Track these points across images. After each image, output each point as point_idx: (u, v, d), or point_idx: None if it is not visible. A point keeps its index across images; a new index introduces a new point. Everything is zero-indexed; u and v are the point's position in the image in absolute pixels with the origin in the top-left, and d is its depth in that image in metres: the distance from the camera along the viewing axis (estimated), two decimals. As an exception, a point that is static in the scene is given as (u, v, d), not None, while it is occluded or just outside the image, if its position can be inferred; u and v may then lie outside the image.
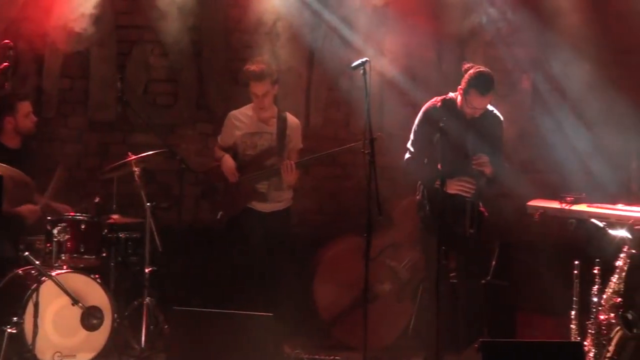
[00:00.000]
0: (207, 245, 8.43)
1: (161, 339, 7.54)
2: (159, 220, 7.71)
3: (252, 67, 7.68)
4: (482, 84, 7.03)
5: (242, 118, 7.84)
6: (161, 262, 7.64)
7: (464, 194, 7.10)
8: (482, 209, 7.28)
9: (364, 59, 6.84)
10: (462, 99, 7.13)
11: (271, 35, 8.76)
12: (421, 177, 7.22)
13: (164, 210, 7.96)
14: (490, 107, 7.24)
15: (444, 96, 7.25)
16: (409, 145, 7.25)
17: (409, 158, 7.23)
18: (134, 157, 7.65)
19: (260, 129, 7.80)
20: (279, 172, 7.62)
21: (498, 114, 7.30)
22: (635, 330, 6.80)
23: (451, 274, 7.09)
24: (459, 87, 7.14)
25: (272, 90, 7.74)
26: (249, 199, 7.75)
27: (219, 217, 7.79)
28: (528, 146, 8.48)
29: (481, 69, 7.10)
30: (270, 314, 7.11)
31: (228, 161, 7.78)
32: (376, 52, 8.43)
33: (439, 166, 6.75)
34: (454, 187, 7.07)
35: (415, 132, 7.23)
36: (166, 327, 7.49)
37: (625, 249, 6.90)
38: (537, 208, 7.44)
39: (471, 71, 7.08)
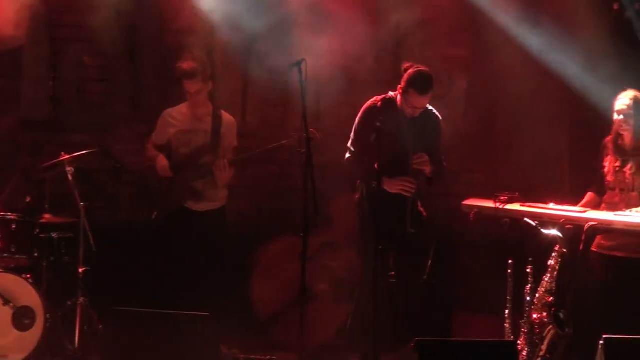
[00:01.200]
0: (143, 245, 8.36)
1: (95, 339, 7.48)
2: (93, 220, 7.63)
3: (184, 65, 7.65)
4: (421, 84, 7.10)
5: (176, 115, 7.82)
6: (95, 262, 7.56)
7: (405, 194, 7.15)
8: (420, 208, 7.35)
9: (300, 59, 6.86)
10: (401, 98, 7.19)
11: (206, 33, 8.71)
12: (361, 176, 7.24)
13: (99, 210, 7.89)
14: (429, 107, 7.31)
15: (384, 95, 7.30)
16: (349, 144, 7.28)
17: (349, 157, 7.26)
18: (67, 156, 7.57)
19: (195, 126, 7.78)
20: (213, 170, 7.61)
21: (437, 113, 7.39)
22: (567, 329, 6.90)
23: (389, 274, 7.10)
24: (399, 86, 7.19)
25: (206, 88, 7.73)
26: (184, 198, 7.72)
27: (154, 217, 7.76)
28: (463, 146, 8.55)
29: (421, 69, 7.16)
30: (207, 314, 7.09)
31: (161, 160, 7.75)
32: (313, 51, 8.43)
33: (375, 165, 6.77)
34: (395, 187, 7.12)
35: (355, 131, 7.27)
36: (100, 327, 7.45)
37: (557, 248, 7.00)
38: (472, 207, 7.53)
39: (410, 71, 7.15)
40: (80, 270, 7.44)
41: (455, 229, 8.23)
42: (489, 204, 7.47)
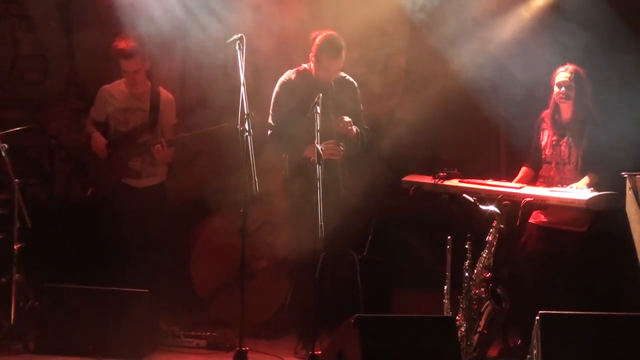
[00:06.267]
0: (79, 221, 8.28)
1: (32, 316, 7.38)
2: (28, 197, 7.56)
3: (121, 44, 7.58)
4: (331, 47, 7.18)
5: (114, 93, 7.76)
6: (31, 239, 7.45)
7: (334, 157, 7.17)
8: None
9: (238, 35, 6.83)
10: (315, 66, 7.24)
11: (143, 9, 8.60)
12: (284, 150, 7.25)
13: (34, 187, 7.80)
14: (342, 74, 7.36)
15: (297, 68, 7.35)
16: (269, 120, 7.27)
17: (271, 133, 7.26)
18: (0, 132, 7.46)
19: (133, 104, 7.72)
20: (151, 149, 7.56)
21: (351, 79, 7.44)
22: (504, 305, 6.97)
23: (327, 250, 7.12)
24: (310, 54, 7.26)
25: (144, 67, 7.69)
26: (121, 176, 7.67)
27: (89, 193, 7.70)
28: (401, 122, 8.58)
29: (329, 33, 7.23)
30: (146, 290, 7.07)
31: (98, 138, 7.69)
32: (251, 28, 8.39)
33: (316, 142, 6.75)
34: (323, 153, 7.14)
35: (273, 106, 7.30)
36: (36, 304, 7.36)
37: (494, 224, 7.07)
38: (411, 183, 7.59)
39: (320, 36, 7.20)
40: (15, 247, 7.33)
41: (395, 205, 8.25)
42: (428, 180, 7.53)
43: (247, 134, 6.69)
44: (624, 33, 7.90)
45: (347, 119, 7.23)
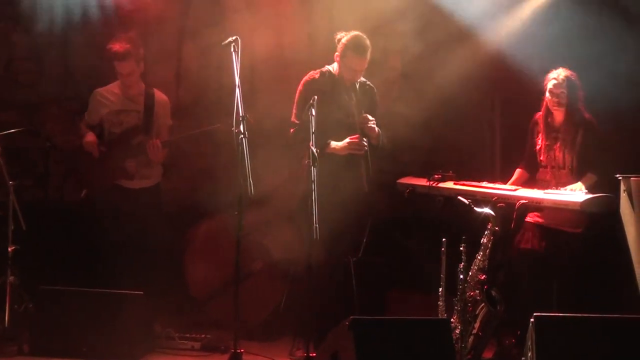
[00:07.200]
0: (74, 223, 8.27)
1: (26, 318, 7.35)
2: (23, 199, 7.55)
3: (116, 46, 7.57)
4: (358, 45, 7.24)
5: (108, 96, 7.76)
6: (25, 241, 7.45)
7: (357, 152, 7.22)
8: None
9: (233, 37, 6.84)
10: (339, 66, 7.30)
11: (139, 11, 8.60)
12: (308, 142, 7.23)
13: (29, 189, 7.79)
14: (363, 79, 7.42)
15: (320, 69, 7.37)
16: (293, 119, 7.29)
17: (294, 131, 7.24)
18: (-6, 135, 7.49)
19: (127, 106, 7.72)
20: (145, 150, 7.56)
21: (371, 84, 7.51)
22: (498, 307, 6.97)
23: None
24: (336, 54, 7.29)
25: (138, 69, 7.68)
26: (116, 177, 7.66)
27: (83, 195, 7.69)
28: (395, 123, 8.58)
29: (356, 33, 7.28)
30: (141, 292, 7.06)
31: (89, 136, 7.69)
32: (247, 29, 8.39)
33: (311, 144, 6.72)
34: (346, 149, 7.17)
35: (297, 105, 7.29)
36: (31, 306, 7.34)
37: (489, 226, 7.07)
38: (406, 185, 7.59)
39: (346, 37, 7.26)
40: (10, 249, 7.33)
41: (390, 207, 8.25)
42: (423, 182, 7.54)
43: (242, 136, 6.68)
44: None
45: (371, 117, 7.29)
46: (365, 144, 7.25)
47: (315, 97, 6.84)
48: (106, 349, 6.99)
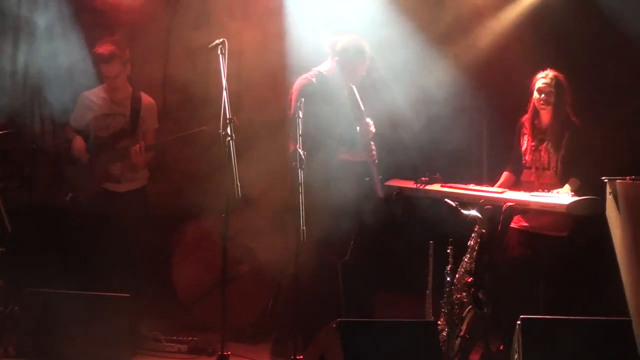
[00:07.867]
0: (60, 225, 8.24)
1: (12, 320, 7.32)
2: (8, 201, 7.51)
3: (101, 49, 7.55)
4: (360, 48, 7.24)
5: (94, 99, 7.73)
6: (11, 243, 7.42)
7: (372, 159, 7.22)
8: None
9: (220, 39, 6.81)
10: (338, 69, 7.24)
11: (126, 13, 8.58)
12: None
13: (14, 191, 7.76)
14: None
15: (312, 72, 7.31)
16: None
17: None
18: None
19: (113, 110, 7.71)
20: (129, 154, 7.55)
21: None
22: (485, 310, 6.99)
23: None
24: (334, 58, 7.25)
25: (124, 71, 7.66)
26: (102, 181, 7.65)
27: (68, 198, 7.67)
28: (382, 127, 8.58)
29: (353, 37, 7.26)
30: (127, 295, 7.04)
31: (78, 141, 7.66)
32: (234, 32, 8.38)
33: (298, 147, 6.72)
34: (365, 154, 7.18)
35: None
36: (17, 308, 7.30)
37: (476, 229, 7.09)
38: (393, 188, 7.60)
39: (343, 41, 7.23)
40: (-5, 251, 7.31)
41: (377, 209, 8.25)
42: (410, 184, 7.55)
43: (229, 138, 6.67)
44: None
45: (371, 122, 7.27)
46: (374, 149, 7.23)
47: (303, 99, 6.82)
48: (92, 352, 6.96)
